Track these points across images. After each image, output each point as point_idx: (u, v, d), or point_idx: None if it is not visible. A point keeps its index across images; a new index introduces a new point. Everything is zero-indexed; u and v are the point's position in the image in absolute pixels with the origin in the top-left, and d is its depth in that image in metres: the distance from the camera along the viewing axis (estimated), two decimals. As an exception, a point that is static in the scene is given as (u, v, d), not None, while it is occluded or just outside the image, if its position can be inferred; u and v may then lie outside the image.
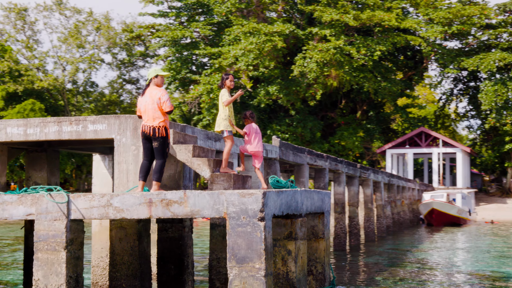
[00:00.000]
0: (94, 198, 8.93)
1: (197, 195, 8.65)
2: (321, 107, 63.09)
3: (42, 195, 8.97)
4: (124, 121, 10.55)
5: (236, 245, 8.41)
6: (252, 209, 8.38)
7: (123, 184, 10.45)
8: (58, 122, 10.78)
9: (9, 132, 10.93)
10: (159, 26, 64.22)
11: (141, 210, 8.78)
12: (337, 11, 53.35)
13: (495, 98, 57.40)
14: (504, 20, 65.60)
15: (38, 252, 9.01)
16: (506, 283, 17.64)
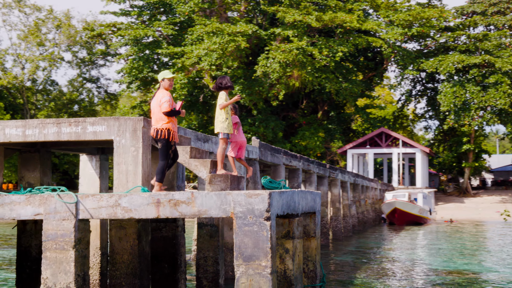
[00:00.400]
0: (103, 198, 9.15)
1: (204, 196, 8.94)
2: (283, 107, 63.61)
3: (51, 196, 9.16)
4: (123, 123, 10.77)
5: (243, 244, 8.71)
6: (259, 209, 8.69)
7: (123, 185, 10.66)
8: (57, 124, 10.95)
9: (7, 133, 11.06)
10: (121, 24, 63.91)
11: (149, 210, 9.03)
12: (300, 12, 53.79)
13: (454, 100, 58.45)
14: (462, 23, 66.96)
15: (47, 251, 9.20)
16: (466, 278, 18.29)
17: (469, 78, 59.49)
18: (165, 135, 10.30)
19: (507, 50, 61.99)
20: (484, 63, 58.72)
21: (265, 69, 52.50)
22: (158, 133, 10.30)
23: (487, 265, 22.10)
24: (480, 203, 62.58)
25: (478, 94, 57.84)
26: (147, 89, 65.17)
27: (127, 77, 60.53)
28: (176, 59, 55.87)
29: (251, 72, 55.70)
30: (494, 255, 25.69)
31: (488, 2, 69.56)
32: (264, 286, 8.59)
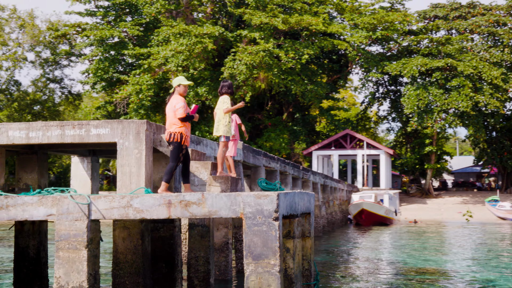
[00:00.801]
0: (115, 199, 9.42)
1: (214, 197, 9.26)
2: (248, 108, 63.98)
3: (64, 197, 9.39)
4: (127, 126, 11.04)
5: (252, 243, 9.06)
6: (268, 209, 9.05)
7: (126, 186, 10.92)
8: (61, 126, 11.16)
9: (11, 135, 11.24)
10: (86, 25, 63.61)
11: (160, 210, 9.32)
12: (266, 15, 54.22)
13: (417, 102, 59.41)
14: (424, 27, 68.12)
15: (60, 250, 9.43)
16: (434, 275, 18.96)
17: (432, 81, 60.49)
18: (178, 139, 10.62)
19: (469, 54, 63.24)
20: (446, 67, 59.80)
21: (232, 70, 52.77)
22: (171, 136, 10.63)
23: (452, 263, 22.81)
24: (442, 204, 63.73)
25: (441, 97, 58.79)
26: (111, 90, 64.94)
27: (93, 77, 60.26)
28: (143, 60, 55.83)
29: (218, 74, 55.98)
30: (458, 254, 26.50)
31: (450, 7, 70.91)
32: (273, 284, 8.95)
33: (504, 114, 66.05)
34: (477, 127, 60.96)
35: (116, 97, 57.29)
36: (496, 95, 59.42)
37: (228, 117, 11.51)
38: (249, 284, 9.02)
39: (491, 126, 67.83)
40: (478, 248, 29.95)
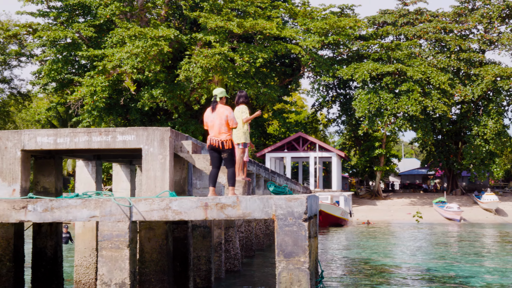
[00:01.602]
0: (154, 202, 10.14)
1: (248, 200, 10.07)
2: (201, 111, 64.57)
3: (107, 200, 10.08)
4: (151, 133, 11.73)
5: (284, 242, 9.90)
6: (298, 211, 9.91)
7: (151, 190, 11.62)
8: (88, 133, 11.79)
9: (39, 141, 11.81)
10: (37, 25, 63.19)
11: (198, 212, 10.08)
12: (222, 18, 54.90)
13: (368, 106, 60.93)
14: (375, 32, 69.83)
15: (103, 250, 10.10)
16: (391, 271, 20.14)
17: (382, 86, 62.01)
18: (230, 146, 11.42)
19: (417, 59, 65.14)
20: (396, 72, 61.45)
21: (188, 73, 53.27)
22: (224, 144, 11.40)
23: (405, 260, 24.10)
24: (391, 205, 65.41)
25: (391, 101, 60.38)
26: (62, 91, 64.67)
27: (46, 78, 59.84)
28: (97, 61, 55.85)
29: (172, 76, 56.47)
30: (410, 252, 27.89)
31: (398, 13, 72.82)
32: (303, 279, 9.80)
33: (450, 118, 68.12)
34: (425, 131, 62.81)
35: (70, 99, 56.97)
36: (443, 100, 61.33)
37: (247, 125, 12.31)
38: (281, 279, 9.84)
39: (438, 130, 69.88)
40: (439, 247, 31.36)
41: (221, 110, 11.74)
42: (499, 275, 19.97)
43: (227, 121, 11.60)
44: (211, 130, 11.72)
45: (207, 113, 11.92)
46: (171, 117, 61.37)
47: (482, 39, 68.56)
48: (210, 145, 11.56)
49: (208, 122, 11.83)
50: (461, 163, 69.43)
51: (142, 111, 59.95)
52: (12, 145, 11.74)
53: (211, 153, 11.58)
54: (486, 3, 69.76)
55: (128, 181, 17.31)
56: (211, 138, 11.62)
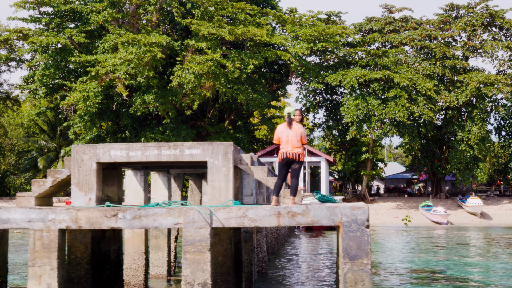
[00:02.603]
0: (232, 211, 11.33)
1: (316, 209, 11.29)
2: (192, 116, 65.58)
3: (190, 208, 11.25)
4: (216, 147, 12.91)
5: (349, 246, 11.14)
6: (361, 219, 11.15)
7: (216, 198, 12.77)
8: (158, 147, 12.93)
9: (113, 155, 12.93)
10: (28, 31, 63.76)
11: (271, 220, 11.28)
12: (213, 25, 55.91)
13: (357, 112, 62.36)
14: (362, 39, 71.34)
15: (186, 253, 11.25)
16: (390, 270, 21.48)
17: (370, 92, 63.44)
18: (302, 159, 12.68)
19: (404, 66, 66.73)
20: (384, 78, 62.91)
21: (180, 79, 54.22)
22: (297, 157, 12.66)
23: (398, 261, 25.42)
24: (378, 209, 66.87)
25: (379, 107, 61.82)
26: (51, 96, 65.22)
27: (38, 83, 60.42)
28: (90, 67, 56.54)
29: (164, 82, 57.46)
30: (414, 253, 29.19)
31: (384, 21, 74.42)
32: (366, 279, 11.04)
33: (435, 124, 69.79)
34: (412, 136, 64.33)
35: (63, 104, 57.55)
36: (429, 106, 62.93)
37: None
38: (346, 279, 11.07)
39: (423, 135, 71.48)
40: (449, 249, 32.79)
41: (296, 127, 12.99)
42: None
43: (301, 137, 12.83)
44: (286, 145, 12.89)
45: (282, 129, 13.09)
46: (161, 122, 62.33)
47: (465, 46, 70.33)
48: (286, 158, 12.76)
49: (282, 137, 12.98)
50: (445, 168, 71.10)
51: (134, 116, 60.80)
52: (88, 158, 12.85)
53: (282, 165, 12.80)
54: (470, 11, 71.61)
55: (166, 188, 18.43)
56: (287, 151, 12.80)
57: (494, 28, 72.36)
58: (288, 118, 13.07)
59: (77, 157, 12.78)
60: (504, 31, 72.28)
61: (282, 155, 12.91)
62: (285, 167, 12.88)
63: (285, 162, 12.83)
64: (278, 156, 13.08)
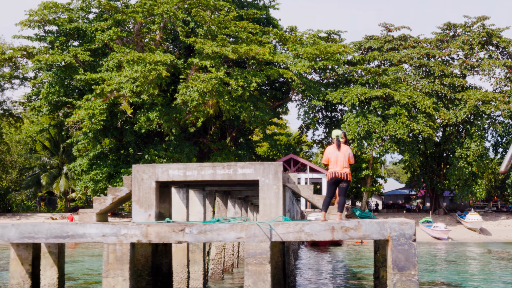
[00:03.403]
0: (290, 226, 12.31)
1: (367, 223, 12.28)
2: (194, 133, 66.56)
3: (251, 224, 12.24)
4: (267, 167, 13.88)
5: (397, 259, 12.12)
6: (409, 233, 12.15)
7: (267, 215, 13.71)
8: (213, 167, 13.91)
9: (171, 174, 13.89)
10: (32, 49, 64.69)
11: (326, 234, 12.26)
12: (217, 44, 56.93)
13: (358, 129, 63.49)
14: (362, 58, 72.61)
15: (248, 265, 12.21)
16: None
17: (371, 109, 64.57)
18: (350, 178, 13.74)
19: (403, 84, 67.97)
20: (384, 96, 64.08)
21: (185, 97, 55.11)
22: (346, 176, 13.70)
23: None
24: (379, 225, 67.70)
25: (379, 124, 62.94)
26: (53, 113, 66.00)
27: (44, 101, 61.22)
28: (95, 85, 57.42)
29: (167, 99, 58.45)
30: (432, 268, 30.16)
31: (384, 39, 75.75)
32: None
33: (434, 141, 70.99)
34: (412, 153, 65.44)
35: (68, 121, 58.36)
36: (429, 123, 64.11)
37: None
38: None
39: (422, 152, 72.63)
40: (451, 264, 33.78)
41: (344, 149, 14.02)
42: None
43: (349, 158, 13.89)
44: (335, 165, 13.91)
45: (331, 150, 14.11)
46: (164, 139, 63.23)
47: (463, 65, 71.71)
48: (335, 177, 13.81)
49: (331, 158, 13.99)
50: (444, 184, 72.23)
51: (137, 133, 61.71)
52: (148, 177, 13.82)
53: (331, 184, 13.87)
54: (467, 30, 73.07)
55: (201, 205, 19.39)
56: (336, 171, 13.83)
57: (491, 47, 73.82)
58: (336, 141, 14.09)
59: (137, 176, 13.74)
60: (500, 50, 73.72)
61: (331, 174, 13.93)
62: (334, 185, 13.94)
63: (334, 181, 13.88)
64: (327, 175, 14.11)
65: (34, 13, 62.06)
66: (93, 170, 61.66)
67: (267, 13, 71.72)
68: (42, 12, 61.65)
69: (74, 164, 63.92)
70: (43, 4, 63.32)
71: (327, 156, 14.05)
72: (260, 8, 70.64)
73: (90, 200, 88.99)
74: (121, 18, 58.79)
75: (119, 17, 58.61)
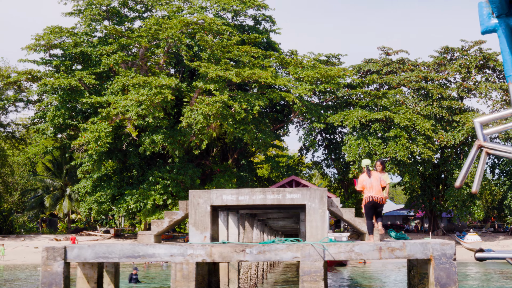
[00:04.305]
0: (341, 246, 13.52)
1: (412, 244, 13.48)
2: (197, 155, 67.64)
3: (306, 244, 13.43)
4: (313, 192, 15.09)
5: (439, 276, 13.31)
6: (449, 253, 13.36)
7: (313, 236, 14.88)
8: (263, 192, 15.11)
9: (225, 198, 15.08)
10: (37, 72, 65.69)
11: (374, 254, 13.45)
12: (220, 68, 58.15)
13: (358, 151, 64.74)
14: (362, 81, 74.07)
15: (304, 282, 13.36)
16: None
17: (371, 132, 65.87)
18: (385, 202, 15.02)
19: (402, 106, 69.38)
20: (384, 119, 65.40)
21: (190, 120, 56.15)
22: (381, 200, 15.02)
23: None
24: (380, 245, 68.81)
25: (380, 146, 64.19)
26: (56, 135, 66.86)
27: (50, 123, 62.06)
28: (101, 108, 58.41)
29: (171, 122, 59.53)
30: None
31: (382, 63, 77.29)
32: (455, 304, 13.25)
33: (433, 162, 72.32)
34: (412, 175, 66.71)
35: (74, 143, 59.19)
36: (428, 145, 65.45)
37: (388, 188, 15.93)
38: (439, 305, 13.26)
39: (421, 173, 73.92)
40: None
41: (375, 175, 15.39)
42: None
43: (381, 182, 15.20)
44: (370, 190, 15.28)
45: (364, 177, 15.49)
46: (167, 161, 64.24)
47: (460, 87, 73.23)
48: (372, 201, 15.13)
49: (366, 184, 15.36)
50: (443, 205, 73.49)
51: (140, 156, 62.70)
52: (203, 201, 15.00)
53: (368, 208, 15.19)
54: (464, 54, 74.71)
55: (236, 227, 20.57)
56: (372, 196, 15.20)
57: (488, 70, 75.45)
58: (366, 170, 15.45)
59: (193, 201, 14.91)
60: (497, 73, 75.35)
61: (368, 198, 15.28)
62: (372, 209, 15.26)
63: (372, 205, 15.20)
64: (364, 200, 15.43)
65: (41, 37, 63.09)
66: (97, 192, 62.57)
67: (268, 37, 73.12)
68: (48, 36, 62.71)
69: (78, 186, 64.87)
70: (49, 28, 64.48)
71: (361, 183, 15.39)
72: (261, 32, 72.00)
73: (91, 221, 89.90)
74: (126, 43, 59.94)
75: (124, 41, 59.75)
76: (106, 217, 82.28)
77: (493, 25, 3.05)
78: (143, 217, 61.37)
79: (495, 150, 3.14)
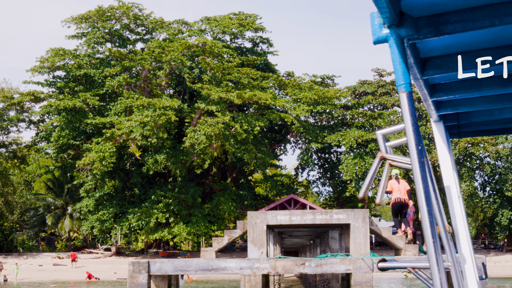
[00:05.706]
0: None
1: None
2: (197, 174, 69.24)
3: (357, 258, 15.49)
4: (357, 213, 17.15)
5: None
6: (479, 266, 15.47)
7: (357, 251, 16.94)
8: (313, 213, 17.17)
9: (279, 219, 17.12)
10: (40, 93, 67.00)
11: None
12: (222, 90, 59.86)
13: (355, 170, 66.73)
14: (358, 102, 76.18)
15: (355, 292, 15.46)
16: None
17: (367, 151, 67.88)
18: (408, 203, 17.23)
19: (397, 127, 71.47)
20: (380, 139, 67.42)
21: (193, 140, 57.76)
22: (407, 202, 17.23)
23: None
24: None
25: (376, 166, 66.23)
26: (57, 155, 68.17)
27: (54, 143, 63.34)
28: (106, 129, 59.90)
29: (174, 142, 61.11)
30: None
31: (377, 84, 79.46)
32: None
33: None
34: (407, 192, 68.66)
35: (79, 163, 60.54)
36: (423, 164, 67.52)
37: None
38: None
39: (414, 192, 75.81)
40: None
41: (403, 182, 17.66)
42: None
43: (406, 185, 17.41)
44: (398, 192, 17.59)
45: (393, 181, 17.88)
46: (168, 180, 65.75)
47: (452, 108, 75.44)
48: (399, 201, 17.34)
49: (395, 188, 17.60)
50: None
51: (143, 175, 64.19)
52: (260, 221, 17.03)
53: (396, 207, 17.43)
54: (456, 76, 77.02)
55: (273, 244, 22.57)
56: (400, 197, 17.45)
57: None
58: (395, 177, 17.66)
59: (251, 221, 16.93)
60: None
61: (396, 199, 17.55)
62: (399, 208, 17.44)
63: (398, 205, 17.41)
64: (392, 200, 17.71)
65: (45, 59, 64.58)
66: (99, 210, 63.82)
67: (266, 59, 74.96)
68: (52, 59, 64.22)
69: (81, 205, 66.06)
70: (53, 51, 66.00)
71: (391, 186, 17.66)
72: (259, 54, 73.85)
73: (89, 239, 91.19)
74: (129, 65, 61.52)
75: (127, 64, 61.35)
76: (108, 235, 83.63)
77: (385, 35, 3.45)
78: (146, 235, 62.80)
79: (396, 162, 3.91)
